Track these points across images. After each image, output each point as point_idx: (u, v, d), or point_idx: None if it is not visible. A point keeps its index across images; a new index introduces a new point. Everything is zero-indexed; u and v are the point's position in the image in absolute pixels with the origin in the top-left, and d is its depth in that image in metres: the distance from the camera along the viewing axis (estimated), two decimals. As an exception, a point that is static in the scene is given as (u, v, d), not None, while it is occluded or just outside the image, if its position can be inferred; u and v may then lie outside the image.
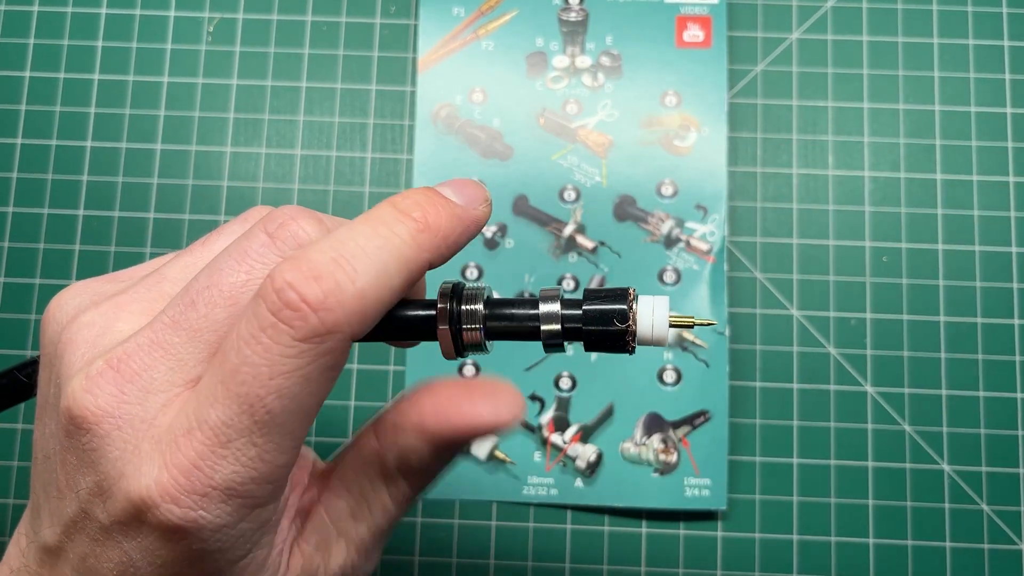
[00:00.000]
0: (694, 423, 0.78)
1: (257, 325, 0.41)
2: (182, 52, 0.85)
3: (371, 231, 0.43)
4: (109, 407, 0.43)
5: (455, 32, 0.83)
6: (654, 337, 0.46)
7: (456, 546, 0.78)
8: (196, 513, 0.41)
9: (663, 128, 0.81)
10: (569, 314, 0.47)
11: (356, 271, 0.41)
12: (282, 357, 0.40)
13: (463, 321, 0.47)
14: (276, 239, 0.45)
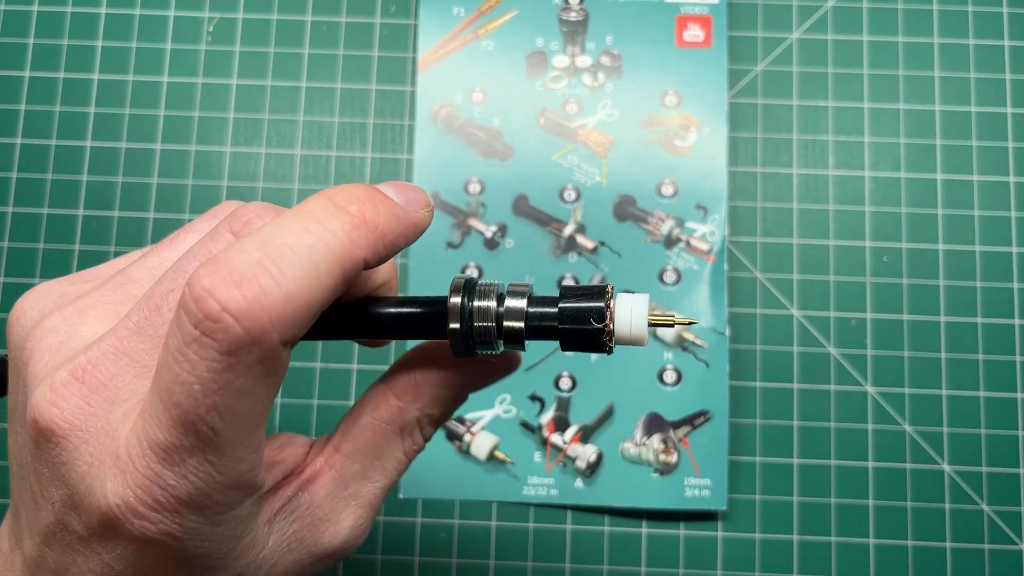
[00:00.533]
0: (694, 423, 0.78)
1: (181, 339, 0.39)
2: (182, 52, 0.85)
3: (300, 227, 0.41)
4: (75, 420, 0.42)
5: (455, 32, 0.83)
6: (632, 336, 0.45)
7: (456, 546, 0.78)
8: (169, 526, 0.41)
9: (663, 128, 0.81)
10: (544, 312, 0.46)
11: (283, 273, 0.39)
12: (211, 373, 0.38)
13: (475, 319, 0.46)
14: (240, 234, 0.44)
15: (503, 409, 0.78)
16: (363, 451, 0.50)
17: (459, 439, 0.78)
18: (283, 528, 0.48)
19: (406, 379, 0.50)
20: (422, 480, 0.78)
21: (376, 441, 0.50)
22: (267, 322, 0.38)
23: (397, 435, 0.50)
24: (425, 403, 0.50)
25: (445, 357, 0.50)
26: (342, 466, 0.50)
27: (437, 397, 0.50)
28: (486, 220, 0.80)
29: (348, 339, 0.50)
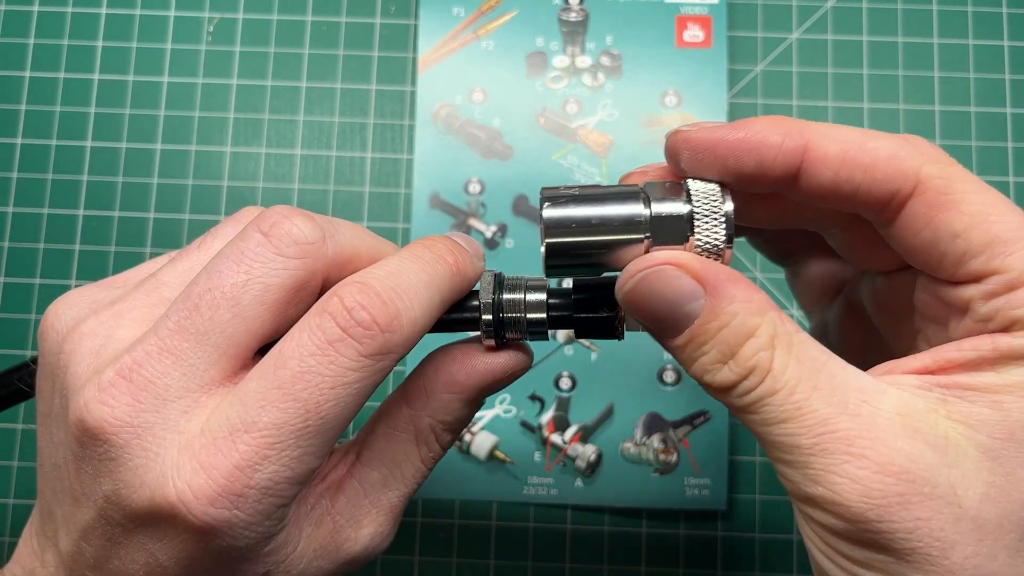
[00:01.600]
0: (694, 423, 0.78)
1: (324, 338, 0.44)
2: (182, 52, 0.85)
3: (419, 268, 0.48)
4: (126, 417, 0.45)
5: (455, 32, 0.83)
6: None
7: (456, 546, 0.78)
8: (231, 513, 0.44)
9: (663, 128, 0.81)
10: (561, 303, 0.51)
11: (412, 302, 0.46)
12: (346, 370, 0.44)
13: (505, 311, 0.51)
14: (271, 238, 0.47)
15: (503, 409, 0.78)
16: (381, 459, 0.52)
17: (459, 439, 0.78)
18: (309, 533, 0.50)
19: (416, 387, 0.52)
20: (422, 480, 0.78)
21: (393, 449, 0.53)
22: (400, 338, 0.45)
23: (412, 443, 0.52)
24: (435, 409, 0.52)
25: (451, 364, 0.52)
26: (362, 475, 0.52)
27: (446, 402, 0.52)
28: (486, 220, 0.80)
29: None
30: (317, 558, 0.51)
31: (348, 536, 0.52)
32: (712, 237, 0.47)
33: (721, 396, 0.46)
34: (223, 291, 0.47)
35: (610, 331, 0.51)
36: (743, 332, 0.45)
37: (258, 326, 0.47)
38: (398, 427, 0.52)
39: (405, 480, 0.53)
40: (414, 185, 0.81)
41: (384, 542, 0.53)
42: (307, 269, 0.48)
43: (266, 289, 0.47)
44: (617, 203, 0.48)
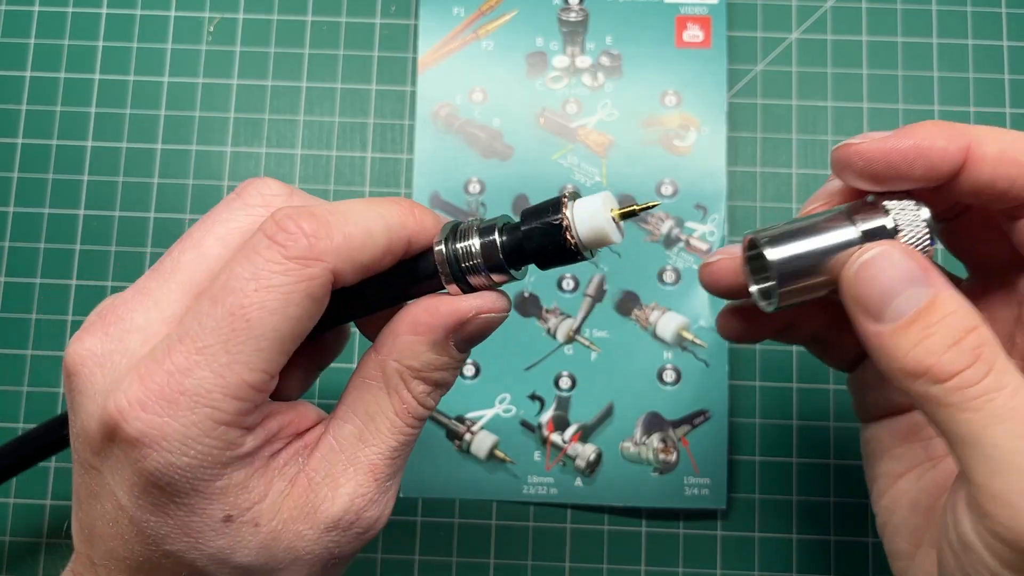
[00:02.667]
0: (694, 422, 0.78)
1: (252, 247, 0.46)
2: (182, 52, 0.85)
3: (363, 201, 0.50)
4: (94, 347, 0.49)
5: (455, 32, 0.83)
6: (597, 236, 0.48)
7: (456, 545, 0.78)
8: (162, 420, 0.45)
9: (663, 128, 0.81)
10: (509, 239, 0.50)
11: (346, 220, 0.47)
12: (269, 272, 0.45)
13: (461, 259, 0.50)
14: (241, 194, 0.52)
15: (503, 408, 0.79)
16: (354, 411, 0.52)
17: (459, 438, 0.78)
18: (281, 488, 0.50)
19: (384, 333, 0.52)
20: (422, 479, 0.78)
21: (364, 399, 0.52)
22: (328, 245, 0.46)
23: (383, 391, 0.52)
24: (399, 351, 0.51)
25: (415, 307, 0.52)
26: (336, 429, 0.52)
27: (410, 344, 0.51)
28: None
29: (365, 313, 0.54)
30: (293, 519, 0.50)
31: (324, 495, 0.51)
32: (918, 239, 0.50)
33: (939, 389, 0.46)
34: (190, 236, 0.51)
35: (567, 252, 0.49)
36: (967, 324, 0.46)
37: (218, 265, 0.49)
38: (367, 375, 0.52)
39: (382, 434, 0.52)
40: (414, 185, 0.81)
41: (371, 507, 0.52)
42: (267, 215, 0.49)
43: (227, 232, 0.51)
44: (828, 231, 0.51)
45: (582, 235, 0.48)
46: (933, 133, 0.51)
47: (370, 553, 0.78)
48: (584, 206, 0.48)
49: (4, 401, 0.81)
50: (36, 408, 0.80)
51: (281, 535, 0.50)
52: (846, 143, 0.52)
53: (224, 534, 0.48)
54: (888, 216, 0.50)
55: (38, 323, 0.81)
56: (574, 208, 0.48)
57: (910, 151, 0.50)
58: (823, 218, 0.52)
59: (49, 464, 0.80)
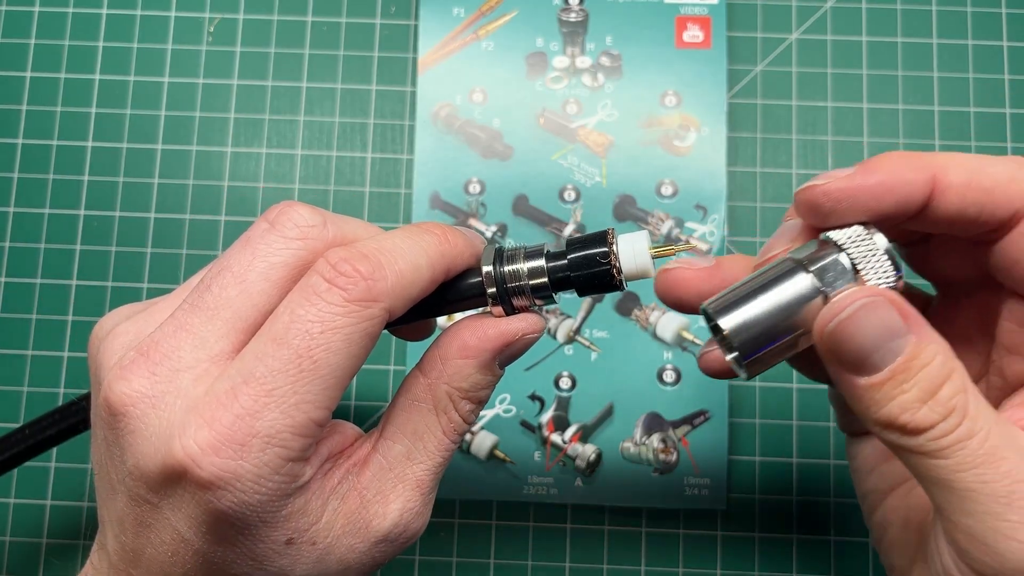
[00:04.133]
0: (693, 423, 0.78)
1: (312, 291, 0.48)
2: (183, 52, 0.85)
3: (404, 235, 0.52)
4: (143, 388, 0.48)
5: (455, 32, 0.83)
6: (638, 270, 0.52)
7: (456, 545, 0.78)
8: (236, 463, 0.46)
9: (663, 128, 0.81)
10: (559, 264, 0.53)
11: (396, 258, 0.50)
12: (332, 315, 0.47)
13: (508, 281, 0.53)
14: (275, 224, 0.51)
15: (503, 408, 0.79)
16: (403, 432, 0.54)
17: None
18: (335, 507, 0.52)
19: (431, 356, 0.54)
20: (422, 479, 0.78)
21: (413, 420, 0.54)
22: (384, 287, 0.48)
23: (432, 413, 0.54)
24: (450, 375, 0.53)
25: (463, 330, 0.54)
26: (385, 449, 0.54)
27: (460, 368, 0.53)
28: (486, 220, 0.81)
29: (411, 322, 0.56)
30: (346, 534, 0.52)
31: (376, 511, 0.53)
32: (882, 274, 0.49)
33: (910, 439, 0.47)
34: (232, 270, 0.50)
35: (609, 283, 0.53)
36: (943, 373, 0.47)
37: (264, 301, 0.50)
38: (416, 397, 0.54)
39: (429, 452, 0.54)
40: (414, 185, 0.81)
41: (416, 520, 0.54)
42: (308, 248, 0.51)
43: (270, 267, 0.50)
44: (781, 285, 0.50)
45: (626, 270, 0.52)
46: (898, 166, 0.50)
47: (370, 553, 0.78)
48: (629, 243, 0.52)
49: (4, 401, 0.81)
50: (36, 408, 0.81)
51: (334, 549, 0.52)
52: (810, 184, 0.52)
53: (286, 555, 0.50)
54: (841, 252, 0.49)
55: (38, 323, 0.81)
56: (619, 244, 0.52)
57: (877, 187, 0.50)
58: (773, 272, 0.51)
59: (49, 464, 0.80)
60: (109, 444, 0.50)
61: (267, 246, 0.51)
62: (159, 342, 0.50)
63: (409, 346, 0.80)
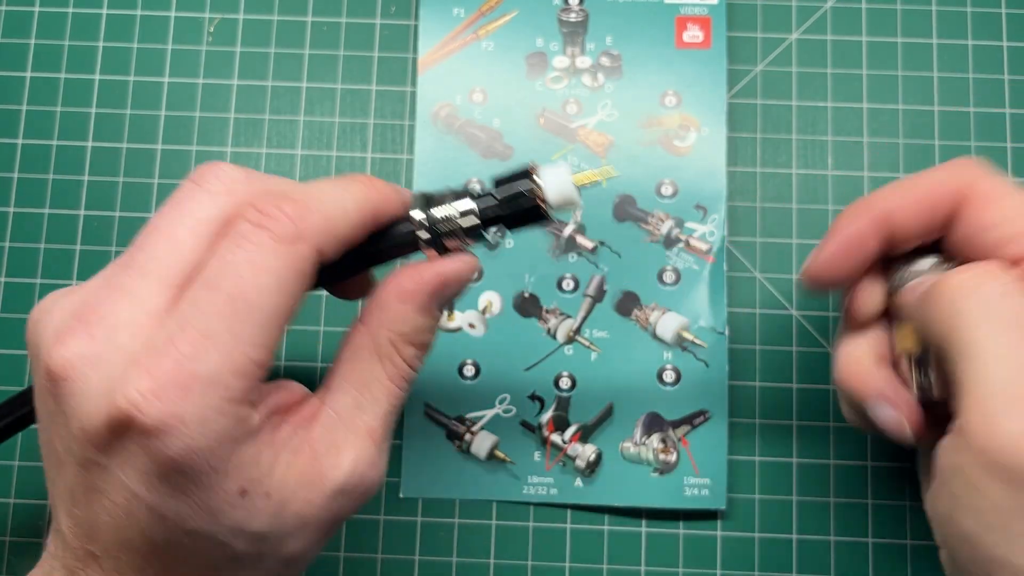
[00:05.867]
0: (693, 423, 0.78)
1: (240, 236, 0.50)
2: (183, 52, 0.85)
3: (329, 183, 0.55)
4: (81, 350, 0.49)
5: (455, 32, 0.83)
6: (564, 199, 0.57)
7: (456, 545, 0.78)
8: (179, 406, 0.47)
9: (663, 128, 0.81)
10: (488, 203, 0.57)
11: (321, 201, 0.52)
12: (261, 256, 0.49)
13: (438, 224, 0.57)
14: (200, 182, 0.53)
15: (503, 409, 0.79)
16: (349, 382, 0.56)
17: (459, 439, 0.79)
18: (288, 461, 0.52)
19: (369, 306, 0.57)
20: (422, 479, 0.79)
21: (357, 370, 0.56)
22: (310, 224, 0.51)
23: (376, 361, 0.56)
24: (390, 321, 0.56)
25: (398, 276, 0.57)
26: (333, 401, 0.56)
27: (398, 311, 0.56)
28: (486, 220, 0.81)
29: (343, 279, 0.61)
30: (301, 487, 0.53)
31: (330, 463, 0.54)
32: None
33: None
34: (160, 229, 0.52)
35: (537, 215, 0.57)
36: None
37: (194, 255, 0.51)
38: (359, 347, 0.56)
39: (377, 400, 0.56)
40: (414, 185, 0.81)
41: (371, 470, 0.55)
42: (233, 202, 0.52)
43: (197, 222, 0.52)
44: None
45: (553, 201, 0.57)
46: (845, 222, 0.61)
47: (370, 553, 0.78)
48: (553, 175, 0.56)
49: (4, 401, 0.81)
50: (36, 408, 0.81)
51: (291, 503, 0.52)
52: (803, 271, 0.64)
53: (241, 506, 0.50)
54: None
55: (38, 323, 0.81)
56: (544, 177, 0.56)
57: (839, 252, 0.61)
58: None
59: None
60: (53, 415, 0.50)
61: (194, 203, 0.53)
62: (94, 305, 0.51)
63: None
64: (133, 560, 0.50)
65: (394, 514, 0.79)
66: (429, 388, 0.80)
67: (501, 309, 0.80)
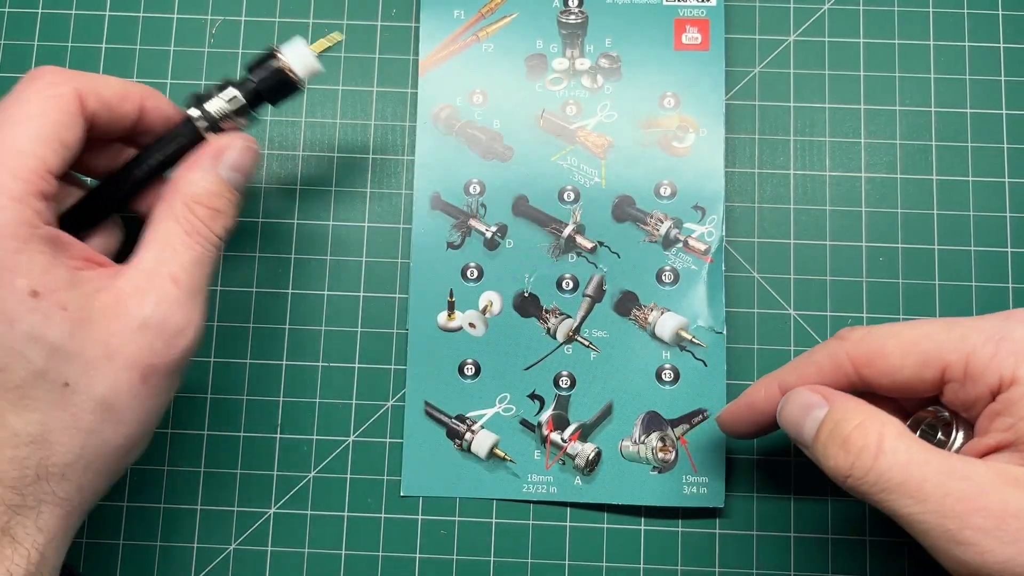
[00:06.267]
0: (692, 422, 0.79)
1: (13, 89, 0.60)
2: (185, 54, 0.85)
3: None
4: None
5: (456, 34, 0.84)
6: (308, 69, 0.67)
7: (457, 543, 0.79)
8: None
9: (661, 129, 0.82)
10: (249, 88, 0.67)
11: (91, 73, 0.64)
12: (29, 92, 0.59)
13: (213, 115, 0.66)
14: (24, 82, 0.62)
15: (503, 407, 0.79)
16: (151, 243, 0.62)
17: (460, 437, 0.79)
18: (88, 292, 0.58)
19: (166, 185, 0.65)
20: (423, 478, 0.79)
21: (158, 231, 0.63)
22: (73, 76, 0.61)
23: (172, 220, 0.63)
24: (182, 187, 0.64)
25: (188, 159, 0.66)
26: (137, 259, 0.62)
27: (187, 177, 0.64)
28: (486, 220, 0.81)
29: (144, 183, 0.68)
30: (104, 317, 0.58)
31: (134, 302, 0.59)
32: None
33: (846, 483, 0.58)
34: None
35: (291, 85, 0.67)
36: (851, 425, 0.58)
37: None
38: (159, 216, 0.63)
39: (176, 251, 0.62)
40: (415, 186, 0.82)
41: (178, 311, 0.60)
42: None
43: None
44: None
45: (299, 72, 0.67)
46: (753, 392, 0.70)
47: (371, 551, 0.79)
48: (293, 50, 0.67)
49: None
50: None
51: (92, 326, 0.57)
52: (716, 418, 0.74)
53: (35, 310, 0.54)
54: None
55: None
56: (286, 54, 0.66)
57: (741, 408, 0.71)
58: None
59: None
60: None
61: None
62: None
63: (409, 345, 0.81)
64: None
65: (395, 512, 0.79)
66: (429, 387, 0.80)
67: (501, 309, 0.81)
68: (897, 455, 0.55)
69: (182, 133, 0.66)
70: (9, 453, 0.55)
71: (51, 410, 0.56)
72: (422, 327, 0.81)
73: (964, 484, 0.52)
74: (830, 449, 0.58)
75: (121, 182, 0.67)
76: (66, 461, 0.57)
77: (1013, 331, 0.57)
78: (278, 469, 0.80)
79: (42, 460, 0.56)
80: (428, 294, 0.81)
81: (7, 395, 0.54)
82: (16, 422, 0.55)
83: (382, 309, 0.82)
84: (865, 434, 0.57)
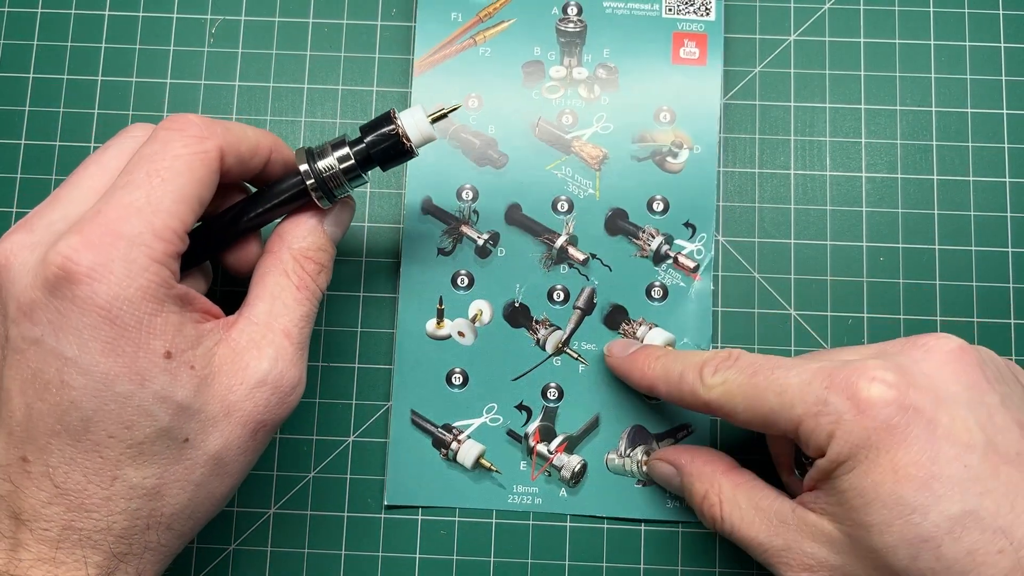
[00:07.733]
0: (677, 436, 0.79)
1: (155, 137, 0.59)
2: (185, 53, 0.86)
3: None
4: (20, 240, 0.57)
5: (453, 37, 0.83)
6: (423, 136, 0.66)
7: (457, 543, 0.80)
8: (107, 256, 0.54)
9: (656, 144, 0.82)
10: (360, 149, 0.66)
11: (225, 122, 0.63)
12: (174, 145, 0.58)
13: (324, 173, 0.65)
14: (122, 133, 0.64)
15: (490, 418, 0.80)
16: (261, 296, 0.63)
17: (446, 447, 0.80)
18: (209, 347, 0.59)
19: (271, 239, 0.67)
20: (408, 486, 0.80)
21: (268, 284, 0.64)
22: (216, 132, 0.61)
23: (283, 275, 0.64)
24: (290, 240, 0.65)
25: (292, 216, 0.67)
26: (248, 311, 0.63)
27: (295, 231, 0.66)
28: (479, 227, 0.81)
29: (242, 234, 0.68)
30: (223, 372, 0.59)
31: (252, 356, 0.60)
32: None
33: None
34: (93, 161, 0.63)
35: (404, 151, 0.66)
36: (700, 494, 0.71)
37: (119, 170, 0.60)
38: (267, 268, 0.64)
39: (288, 307, 0.63)
40: (406, 188, 0.82)
41: (291, 368, 0.62)
42: None
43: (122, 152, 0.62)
44: None
45: (413, 138, 0.66)
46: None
47: (371, 551, 0.80)
48: (410, 116, 0.66)
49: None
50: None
51: (214, 383, 0.58)
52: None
53: (166, 370, 0.55)
54: None
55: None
56: (402, 118, 0.66)
57: None
58: None
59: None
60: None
61: (119, 141, 0.63)
62: (33, 214, 0.59)
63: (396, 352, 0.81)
64: (63, 450, 0.55)
65: (395, 513, 0.80)
66: (416, 395, 0.81)
67: (491, 318, 0.81)
68: (732, 520, 0.67)
69: (293, 188, 0.66)
70: (123, 505, 0.56)
71: (169, 465, 0.57)
72: (410, 334, 0.81)
73: (778, 540, 0.63)
74: (696, 510, 0.72)
75: (228, 228, 0.67)
76: (174, 512, 0.58)
77: (834, 399, 0.60)
78: (278, 469, 0.81)
79: (152, 511, 0.57)
80: (417, 301, 0.81)
81: (128, 451, 0.55)
82: (134, 476, 0.56)
83: (382, 309, 0.82)
84: (710, 505, 0.69)
